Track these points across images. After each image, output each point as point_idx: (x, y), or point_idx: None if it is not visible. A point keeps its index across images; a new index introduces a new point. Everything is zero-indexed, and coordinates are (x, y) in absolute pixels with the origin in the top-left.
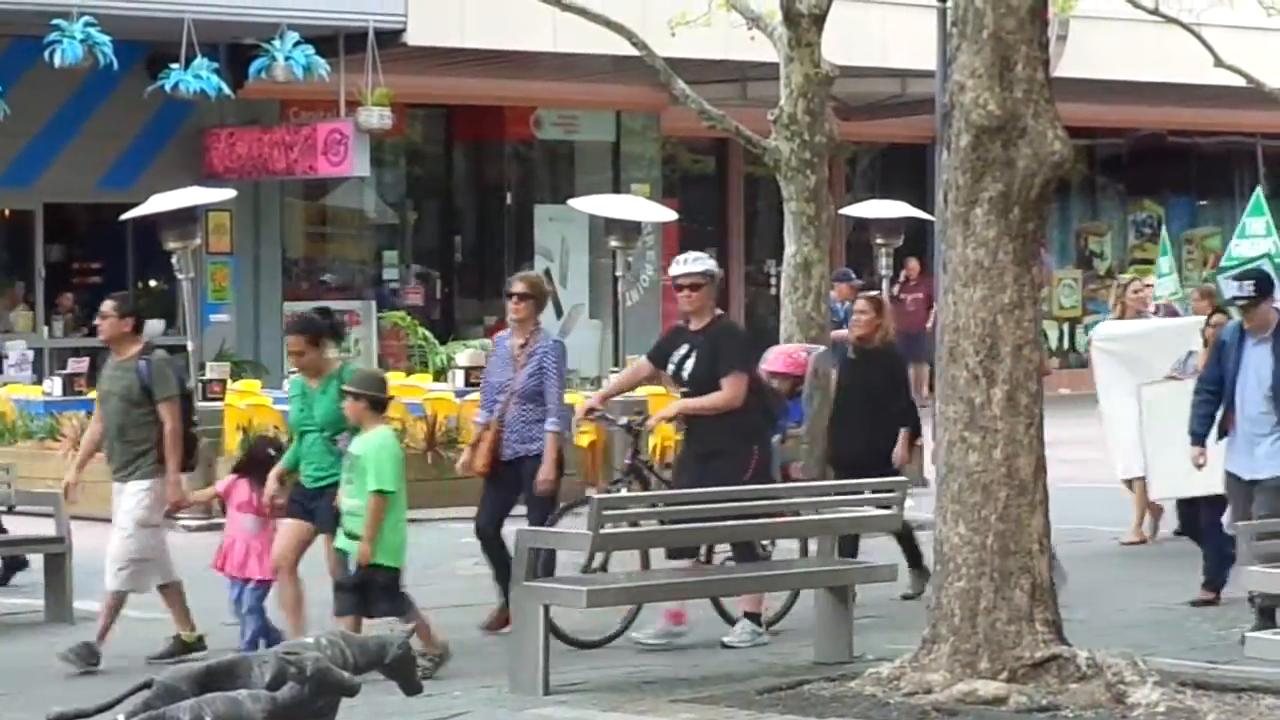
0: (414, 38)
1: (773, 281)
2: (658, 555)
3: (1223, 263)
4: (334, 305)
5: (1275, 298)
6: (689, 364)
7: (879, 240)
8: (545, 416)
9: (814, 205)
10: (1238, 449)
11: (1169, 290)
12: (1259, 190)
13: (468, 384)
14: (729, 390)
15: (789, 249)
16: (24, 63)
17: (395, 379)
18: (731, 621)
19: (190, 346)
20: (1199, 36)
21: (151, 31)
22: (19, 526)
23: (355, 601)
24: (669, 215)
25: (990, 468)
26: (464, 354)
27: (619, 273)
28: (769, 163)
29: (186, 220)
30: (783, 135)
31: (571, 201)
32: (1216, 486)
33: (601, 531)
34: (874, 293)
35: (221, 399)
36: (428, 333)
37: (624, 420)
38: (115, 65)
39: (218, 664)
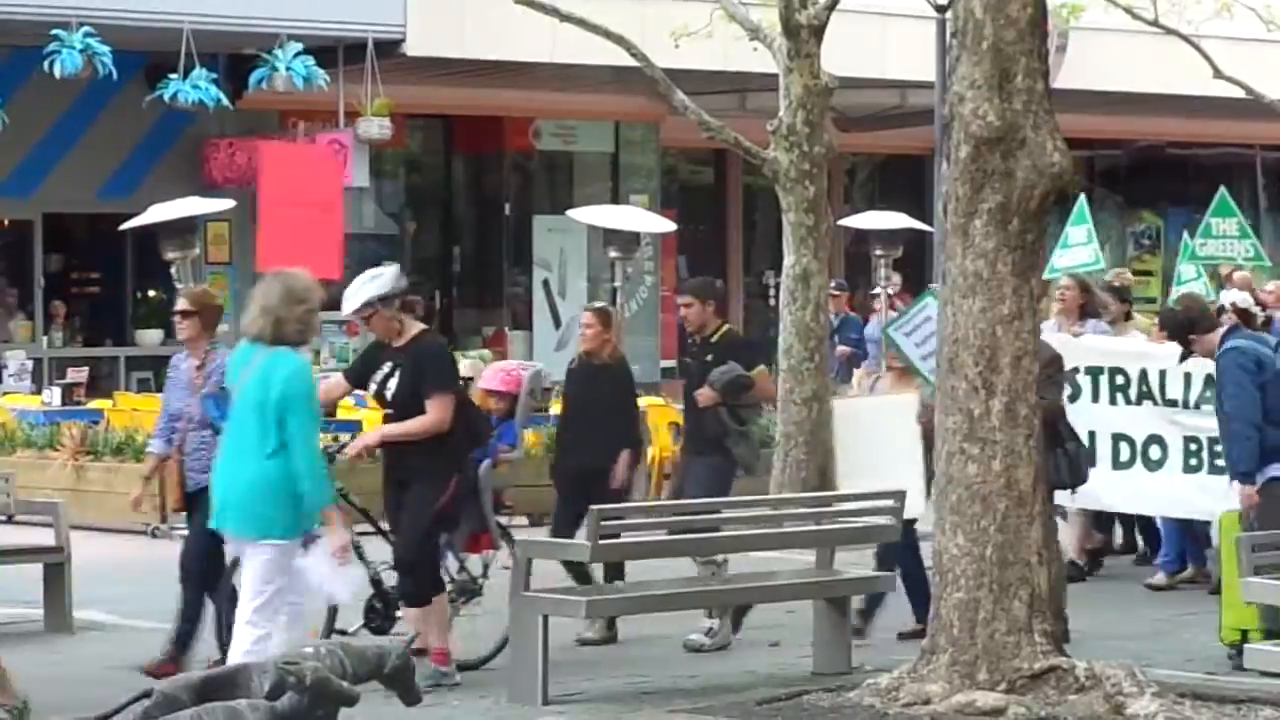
0: (413, 48)
1: (771, 292)
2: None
3: (1045, 274)
4: (332, 315)
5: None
6: (392, 384)
7: (878, 252)
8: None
9: (813, 216)
10: None
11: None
12: (1082, 198)
13: None
14: (435, 413)
15: (788, 260)
16: (23, 73)
17: None
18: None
19: None
20: (1199, 48)
21: (151, 42)
22: (18, 536)
23: None
24: (668, 226)
25: (989, 479)
26: (463, 364)
27: (618, 283)
28: (768, 174)
29: (185, 230)
30: (782, 146)
31: (570, 212)
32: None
33: (600, 542)
34: (600, 305)
35: None
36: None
37: (321, 447)
38: (114, 75)
39: (217, 673)
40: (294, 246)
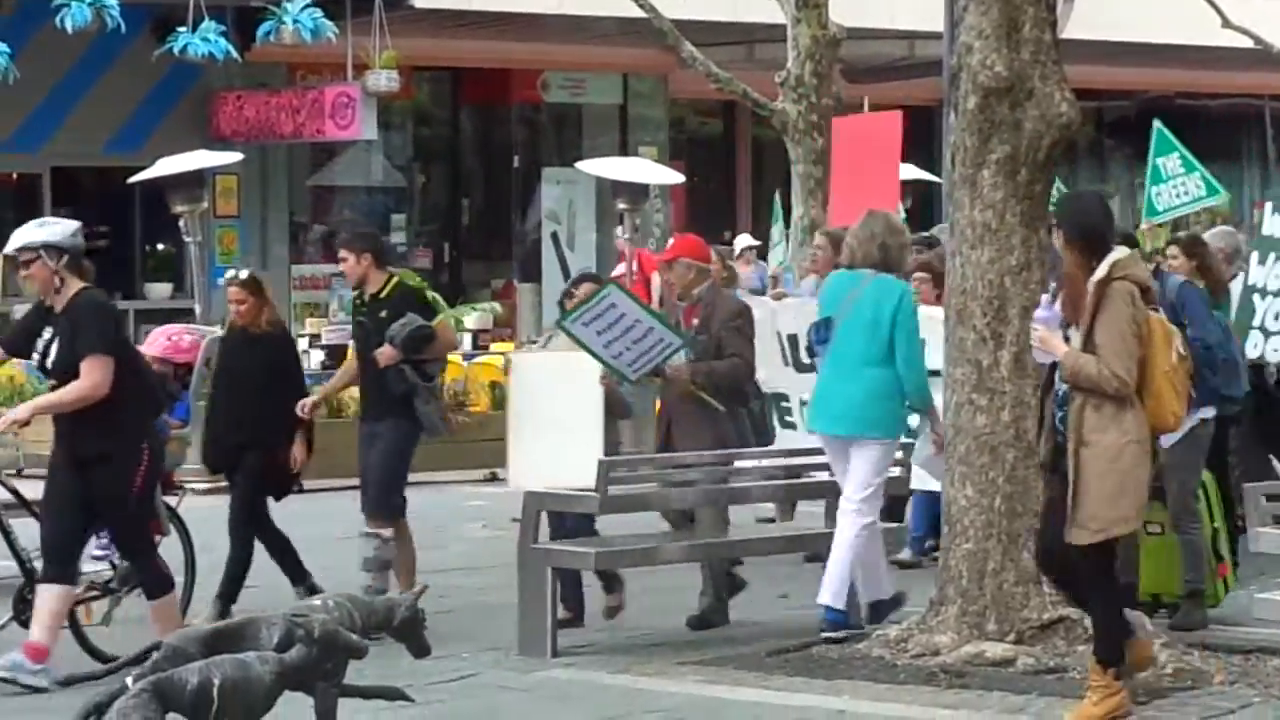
0: (421, 0)
1: None
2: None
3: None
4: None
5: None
6: (52, 351)
7: None
8: None
9: (821, 168)
10: None
11: (778, 260)
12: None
13: (475, 347)
14: (89, 376)
15: (797, 211)
16: (32, 26)
17: None
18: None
19: (198, 310)
20: None
21: None
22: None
23: None
24: (676, 178)
25: (998, 430)
26: (471, 317)
27: (626, 235)
28: (776, 125)
29: (194, 183)
30: (790, 98)
31: (579, 164)
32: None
33: (609, 493)
34: (246, 273)
35: None
36: (436, 296)
37: None
38: (123, 28)
39: (226, 626)
40: (862, 203)
